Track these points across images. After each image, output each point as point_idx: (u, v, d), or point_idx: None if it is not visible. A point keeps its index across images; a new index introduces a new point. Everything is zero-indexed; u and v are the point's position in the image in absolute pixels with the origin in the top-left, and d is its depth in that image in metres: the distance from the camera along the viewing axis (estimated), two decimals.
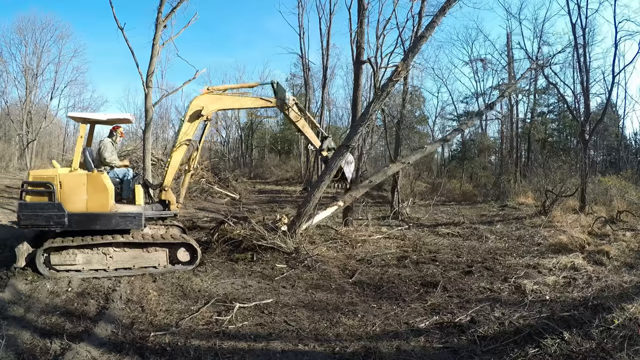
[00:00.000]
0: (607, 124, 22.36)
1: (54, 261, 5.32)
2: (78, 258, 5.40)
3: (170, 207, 6.26)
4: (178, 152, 6.36)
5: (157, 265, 5.76)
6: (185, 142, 6.37)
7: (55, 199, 5.32)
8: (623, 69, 15.20)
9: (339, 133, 31.21)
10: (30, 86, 25.77)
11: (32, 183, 5.42)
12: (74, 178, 5.50)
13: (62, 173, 5.52)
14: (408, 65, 8.22)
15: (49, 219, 5.27)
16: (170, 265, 5.83)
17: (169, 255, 5.84)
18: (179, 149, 6.35)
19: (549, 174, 17.17)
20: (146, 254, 5.72)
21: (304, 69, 25.08)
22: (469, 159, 24.85)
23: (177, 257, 5.88)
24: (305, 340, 3.73)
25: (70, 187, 5.44)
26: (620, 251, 7.06)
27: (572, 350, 3.39)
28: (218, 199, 15.59)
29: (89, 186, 5.49)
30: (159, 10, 10.63)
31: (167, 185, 6.25)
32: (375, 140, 24.88)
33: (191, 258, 5.97)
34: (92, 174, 5.62)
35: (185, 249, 5.94)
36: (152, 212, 6.14)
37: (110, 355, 3.36)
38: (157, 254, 5.78)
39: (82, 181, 5.49)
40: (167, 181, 6.27)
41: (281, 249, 6.66)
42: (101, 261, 5.50)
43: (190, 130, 6.40)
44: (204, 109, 6.35)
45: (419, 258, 6.91)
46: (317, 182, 7.92)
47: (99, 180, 5.57)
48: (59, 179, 5.40)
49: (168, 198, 6.25)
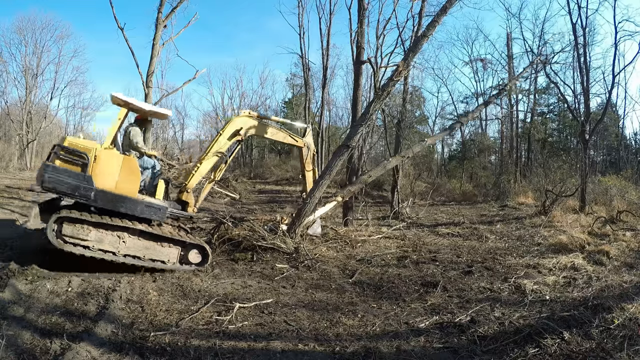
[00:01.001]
0: (607, 124, 22.37)
1: (65, 231, 5.11)
2: (92, 234, 5.23)
3: (188, 209, 6.35)
4: (209, 161, 6.61)
5: (166, 261, 5.68)
6: (217, 154, 6.66)
7: (87, 171, 5.24)
8: (623, 69, 15.27)
9: (339, 133, 31.26)
10: (30, 86, 25.81)
11: (67, 149, 5.27)
12: (110, 156, 5.45)
13: (99, 148, 5.43)
14: (408, 65, 8.23)
15: (76, 189, 5.16)
16: (179, 265, 5.78)
17: (180, 254, 5.79)
18: (210, 158, 6.60)
19: (549, 174, 17.18)
20: (159, 247, 5.64)
21: (304, 69, 25.11)
22: (469, 159, 24.85)
23: (187, 258, 5.83)
24: (305, 340, 3.73)
25: (105, 164, 5.36)
26: (620, 251, 7.06)
27: (572, 350, 3.39)
28: (218, 199, 15.58)
29: (123, 168, 5.46)
30: (159, 10, 10.65)
31: (189, 188, 6.38)
32: (375, 140, 24.88)
33: (202, 260, 5.93)
34: (128, 157, 5.61)
35: (197, 250, 5.91)
36: (171, 209, 6.14)
37: (110, 355, 3.36)
38: (169, 250, 5.71)
39: (117, 161, 5.47)
40: (190, 184, 6.39)
41: (281, 249, 6.66)
42: (114, 244, 5.35)
43: (225, 146, 6.75)
44: (242, 129, 6.77)
45: (419, 258, 6.91)
46: (317, 182, 7.92)
47: (133, 164, 5.57)
48: (95, 153, 5.32)
49: (187, 199, 6.35)
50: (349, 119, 23.19)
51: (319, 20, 23.05)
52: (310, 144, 7.94)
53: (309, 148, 7.91)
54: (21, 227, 5.91)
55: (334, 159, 7.99)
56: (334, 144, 27.38)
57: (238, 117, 6.91)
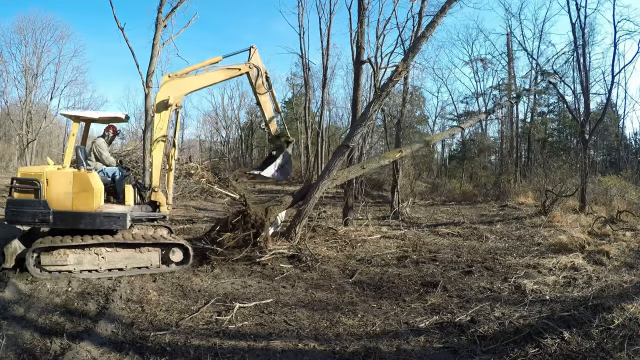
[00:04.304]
0: (607, 124, 22.38)
1: (44, 262, 5.22)
2: (69, 258, 5.30)
3: (160, 209, 6.11)
4: (157, 149, 6.08)
5: (149, 266, 5.69)
6: (161, 139, 6.07)
7: (41, 196, 5.27)
8: (623, 68, 15.26)
9: (339, 133, 31.27)
10: (30, 86, 25.82)
11: (20, 180, 5.38)
12: (60, 176, 5.44)
13: (49, 170, 5.45)
14: (408, 65, 8.23)
15: (34, 216, 5.23)
16: (164, 266, 5.77)
17: (161, 255, 5.77)
18: (157, 146, 6.06)
19: (549, 174, 17.19)
20: (139, 254, 5.64)
21: (304, 69, 25.11)
22: (469, 159, 24.87)
23: (169, 257, 5.81)
24: (305, 340, 3.73)
25: (57, 185, 5.37)
26: (620, 251, 7.06)
27: (572, 350, 3.39)
28: (218, 199, 15.59)
29: (74, 184, 5.42)
30: (159, 10, 10.64)
31: (155, 186, 6.08)
32: (375, 140, 24.90)
33: (184, 257, 5.89)
34: (78, 172, 5.54)
35: (177, 248, 5.86)
36: (140, 213, 6.01)
37: (110, 355, 3.36)
38: (149, 254, 5.70)
39: (68, 179, 5.43)
40: (154, 182, 6.09)
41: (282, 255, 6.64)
42: (93, 261, 5.40)
43: (162, 124, 6.05)
44: (170, 97, 6.00)
45: (419, 258, 6.91)
46: (317, 182, 7.93)
47: (84, 178, 5.50)
48: (46, 177, 5.35)
49: (158, 199, 6.07)
50: (349, 119, 23.19)
51: (319, 20, 23.14)
52: (258, 64, 6.77)
53: (258, 68, 6.77)
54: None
55: (334, 159, 7.98)
56: (334, 144, 27.38)
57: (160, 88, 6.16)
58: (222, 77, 6.70)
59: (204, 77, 6.45)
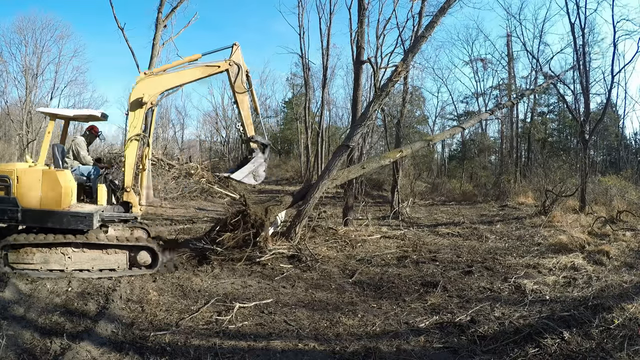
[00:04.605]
0: (607, 123, 22.36)
1: (11, 259, 5.20)
2: (36, 257, 5.24)
3: (132, 210, 5.94)
4: (130, 148, 5.92)
5: (116, 268, 5.56)
6: (135, 138, 5.90)
7: (11, 194, 5.24)
8: (622, 68, 15.25)
9: (339, 133, 31.27)
10: (30, 86, 25.84)
11: None
12: (30, 173, 5.40)
13: (19, 168, 5.41)
14: (408, 65, 8.23)
15: (4, 213, 5.22)
16: (132, 269, 5.61)
17: (129, 258, 5.62)
18: (130, 145, 5.90)
19: (549, 174, 17.19)
20: (105, 255, 5.52)
21: (304, 69, 25.08)
22: (469, 159, 24.87)
23: (137, 260, 5.66)
24: (305, 340, 3.73)
25: (27, 183, 5.33)
26: (620, 251, 7.06)
27: (572, 350, 3.39)
28: (218, 198, 15.59)
29: (43, 182, 5.36)
30: (159, 10, 10.66)
31: (127, 186, 5.90)
32: (375, 140, 24.90)
33: (152, 262, 5.72)
34: (47, 170, 5.47)
35: (146, 252, 5.68)
36: (112, 213, 5.87)
37: (110, 355, 3.36)
38: (116, 257, 5.57)
39: (37, 177, 5.37)
40: (127, 182, 5.91)
41: (282, 255, 6.64)
42: (59, 261, 5.34)
43: (137, 123, 5.88)
44: (145, 95, 5.82)
45: (419, 258, 6.91)
46: (317, 182, 7.93)
47: (53, 176, 5.42)
48: (17, 174, 5.31)
49: (130, 199, 5.92)
50: (349, 119, 23.17)
51: (319, 20, 23.02)
52: (239, 62, 6.50)
53: (239, 66, 6.49)
54: None
55: (334, 159, 7.99)
56: (334, 144, 27.37)
57: (134, 86, 5.99)
58: (199, 75, 6.40)
59: (180, 75, 6.25)
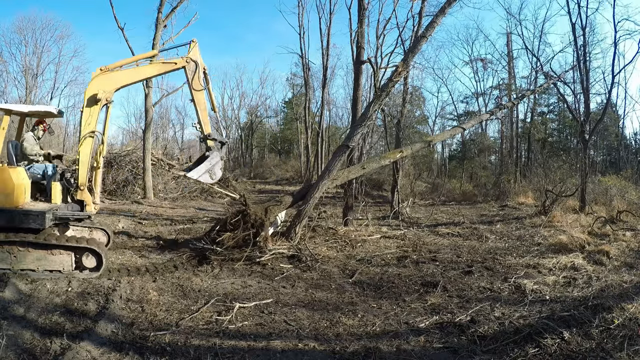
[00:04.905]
0: (607, 123, 22.38)
1: None
2: None
3: (86, 208, 5.78)
4: (84, 146, 5.75)
5: (61, 270, 5.42)
6: (89, 135, 5.74)
7: None
8: (623, 68, 15.25)
9: (339, 133, 31.28)
10: (30, 86, 25.85)
11: None
12: None
13: None
14: (408, 65, 8.24)
15: None
16: (76, 271, 5.48)
17: (74, 260, 5.49)
18: (84, 142, 5.74)
19: (549, 174, 17.21)
20: (50, 256, 5.41)
21: (304, 69, 25.12)
22: (469, 159, 24.87)
23: (82, 263, 5.53)
24: (305, 340, 3.73)
25: None
26: (620, 251, 7.06)
27: (572, 350, 3.39)
28: (218, 199, 15.60)
29: None
30: (159, 10, 10.67)
31: (82, 184, 5.74)
32: (375, 140, 24.92)
33: (97, 265, 5.56)
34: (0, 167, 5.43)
35: (90, 254, 5.51)
36: (64, 212, 5.74)
37: (110, 355, 3.36)
38: (62, 258, 5.44)
39: None
40: (80, 180, 5.75)
41: (282, 255, 6.64)
42: (5, 260, 5.28)
43: (91, 120, 5.72)
44: (100, 92, 5.69)
45: (419, 258, 6.91)
46: (317, 183, 7.93)
47: (5, 174, 5.34)
48: None
49: (83, 198, 5.76)
50: (349, 119, 23.18)
51: (319, 20, 23.11)
52: (197, 59, 6.40)
53: (197, 63, 6.39)
54: None
55: (334, 159, 7.99)
56: (334, 144, 27.39)
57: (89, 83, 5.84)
58: (155, 72, 6.44)
59: (136, 72, 6.20)
